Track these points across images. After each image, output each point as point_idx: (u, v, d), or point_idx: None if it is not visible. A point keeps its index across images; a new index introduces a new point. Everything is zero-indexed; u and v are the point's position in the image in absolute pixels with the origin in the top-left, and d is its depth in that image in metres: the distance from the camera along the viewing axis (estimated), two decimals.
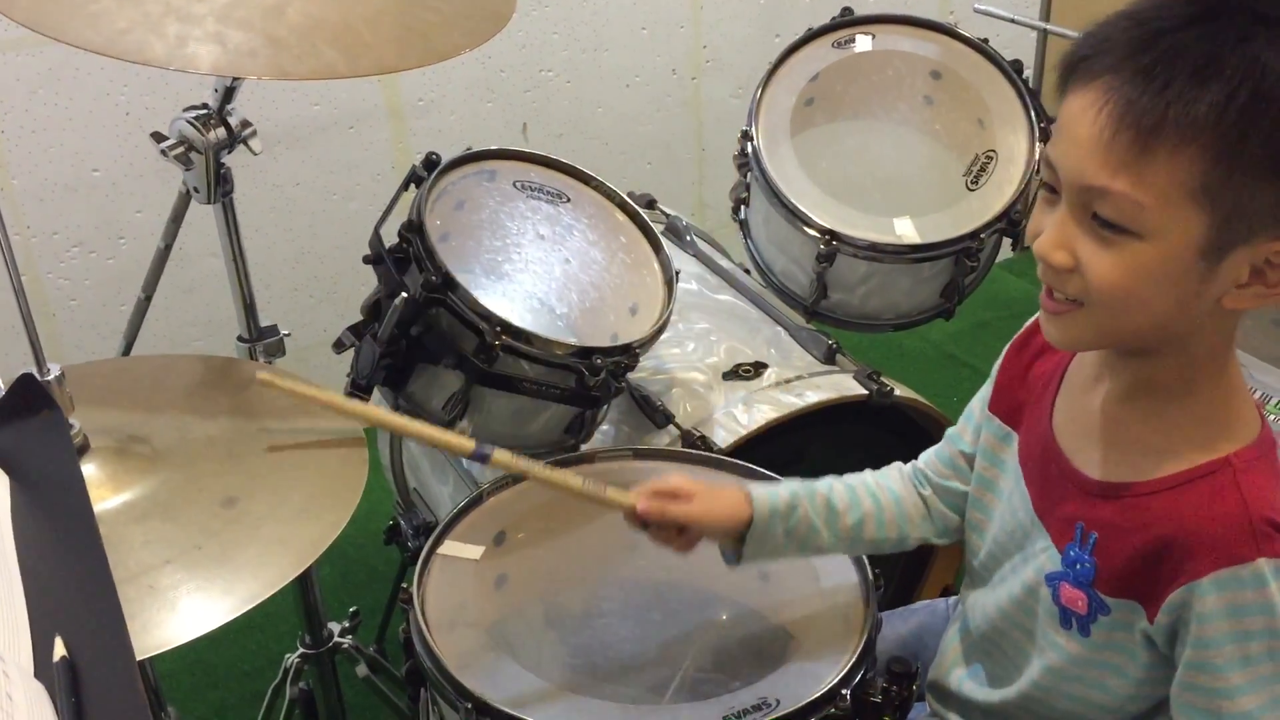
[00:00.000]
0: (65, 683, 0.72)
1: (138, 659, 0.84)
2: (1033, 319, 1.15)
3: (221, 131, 1.43)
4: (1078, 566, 1.03)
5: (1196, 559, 0.94)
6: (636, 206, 1.65)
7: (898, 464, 1.29)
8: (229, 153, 1.46)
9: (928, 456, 1.27)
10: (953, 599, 1.38)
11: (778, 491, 1.21)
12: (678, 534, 1.18)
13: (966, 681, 1.20)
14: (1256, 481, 0.95)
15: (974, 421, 1.21)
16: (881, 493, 1.24)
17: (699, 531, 1.18)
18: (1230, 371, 1.00)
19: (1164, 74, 0.86)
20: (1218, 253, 0.90)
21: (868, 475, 1.27)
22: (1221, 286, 0.92)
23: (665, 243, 1.64)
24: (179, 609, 0.99)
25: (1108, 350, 1.04)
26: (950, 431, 1.25)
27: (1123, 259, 0.91)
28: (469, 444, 1.16)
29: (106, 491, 1.11)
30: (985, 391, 1.19)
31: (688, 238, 2.01)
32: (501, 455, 1.15)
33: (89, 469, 1.12)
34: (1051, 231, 0.94)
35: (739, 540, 1.20)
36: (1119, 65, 0.88)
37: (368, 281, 1.51)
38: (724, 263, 2.00)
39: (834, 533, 1.21)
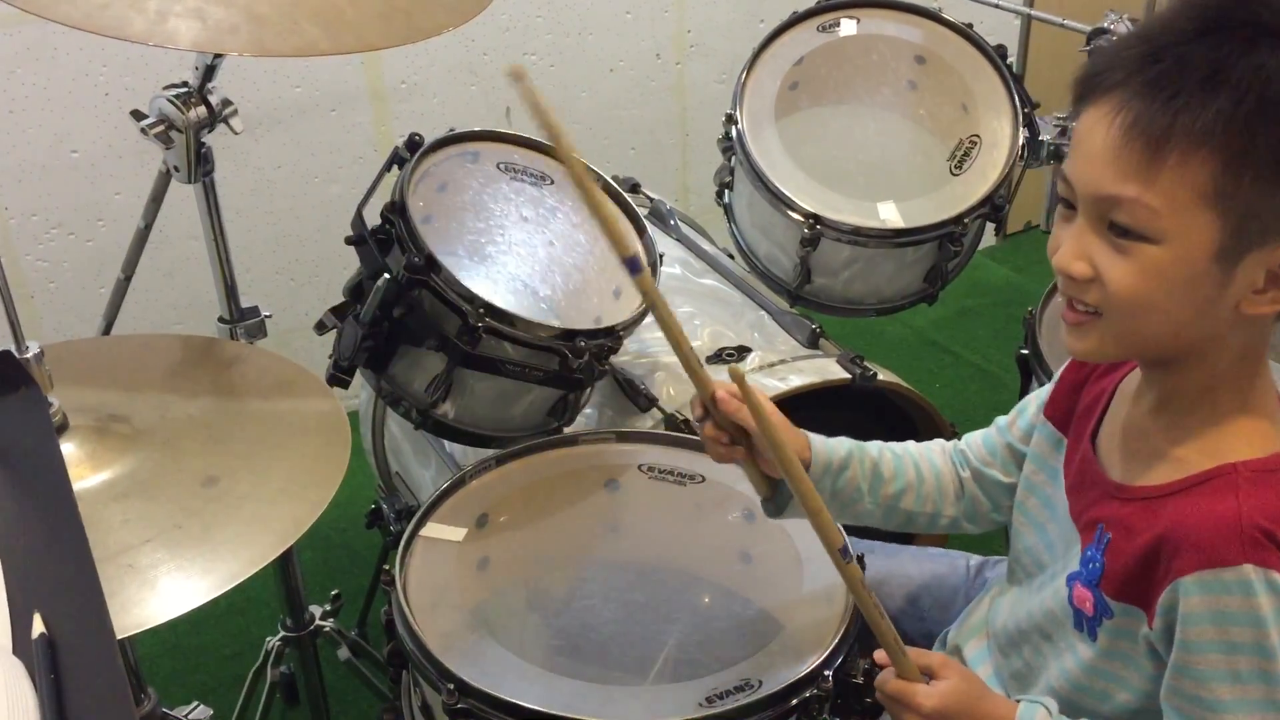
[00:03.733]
0: (44, 660, 0.71)
1: (117, 638, 0.84)
2: None
3: (202, 110, 1.42)
4: (1090, 566, 1.03)
5: (1183, 557, 0.94)
6: (620, 189, 1.64)
7: (940, 440, 1.29)
8: (210, 131, 1.44)
9: (972, 439, 1.27)
10: (976, 560, 1.39)
11: (835, 446, 1.20)
12: (730, 443, 1.15)
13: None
14: (1259, 491, 0.95)
15: (1027, 420, 1.21)
16: (924, 465, 1.25)
17: (763, 441, 1.12)
18: (1259, 385, 1.00)
19: (1172, 84, 0.89)
20: (1232, 257, 0.91)
21: (912, 446, 1.27)
22: (1238, 292, 0.93)
23: (649, 226, 1.64)
24: (159, 588, 0.98)
25: (1143, 366, 1.05)
26: (1000, 421, 1.25)
27: (1139, 265, 0.93)
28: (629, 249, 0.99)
29: (86, 470, 1.10)
30: (1044, 394, 1.19)
31: (671, 222, 2.01)
32: (647, 280, 1.01)
33: (68, 447, 1.11)
34: (1070, 243, 0.96)
35: (778, 487, 1.17)
36: (1129, 79, 0.91)
37: (349, 264, 1.50)
38: (708, 247, 2.00)
39: (875, 499, 1.22)
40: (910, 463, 1.24)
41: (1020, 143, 1.77)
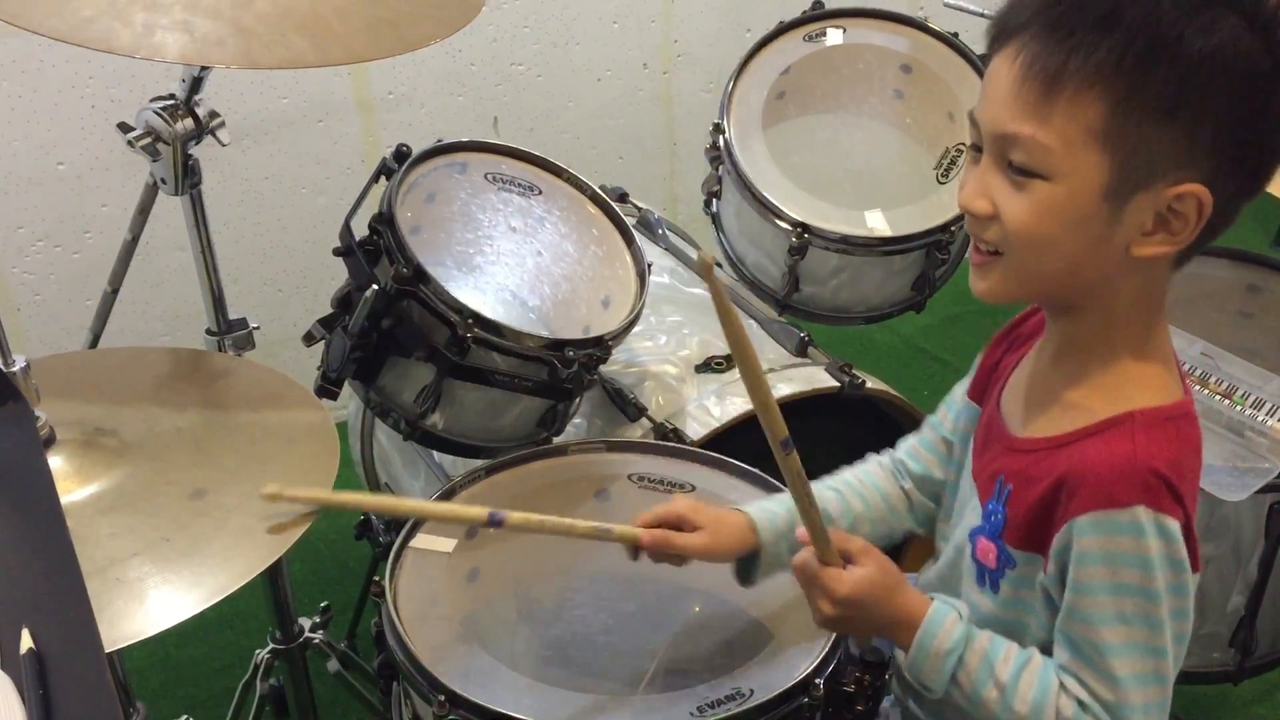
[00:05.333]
0: (33, 675, 0.71)
1: (106, 651, 0.83)
2: (1022, 311, 1.18)
3: (189, 122, 1.42)
4: (992, 519, 1.06)
5: (1079, 499, 0.97)
6: (608, 199, 1.64)
7: (874, 457, 1.29)
8: (197, 144, 1.44)
9: (908, 444, 1.28)
10: None
11: (775, 511, 1.21)
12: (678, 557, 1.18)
13: None
14: (1154, 437, 0.98)
15: (955, 408, 1.22)
16: (868, 492, 1.25)
17: (705, 560, 1.18)
18: (1156, 337, 1.03)
19: (1068, 24, 0.92)
20: (1121, 196, 0.94)
21: (849, 475, 1.27)
22: (1128, 233, 0.96)
23: (637, 235, 1.64)
24: (147, 601, 0.98)
25: (1046, 317, 1.07)
26: (931, 419, 1.27)
27: (1033, 201, 0.95)
28: (482, 513, 1.15)
29: (73, 483, 1.10)
30: (967, 379, 1.21)
31: (660, 231, 2.01)
32: (514, 517, 1.14)
33: (55, 461, 1.11)
34: (972, 182, 0.99)
35: (745, 562, 1.20)
36: (1030, 20, 0.94)
37: (337, 275, 1.50)
38: (696, 256, 2.00)
39: None
40: (854, 494, 1.25)
41: None
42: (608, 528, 1.16)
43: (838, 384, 1.63)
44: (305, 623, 1.72)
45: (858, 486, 1.25)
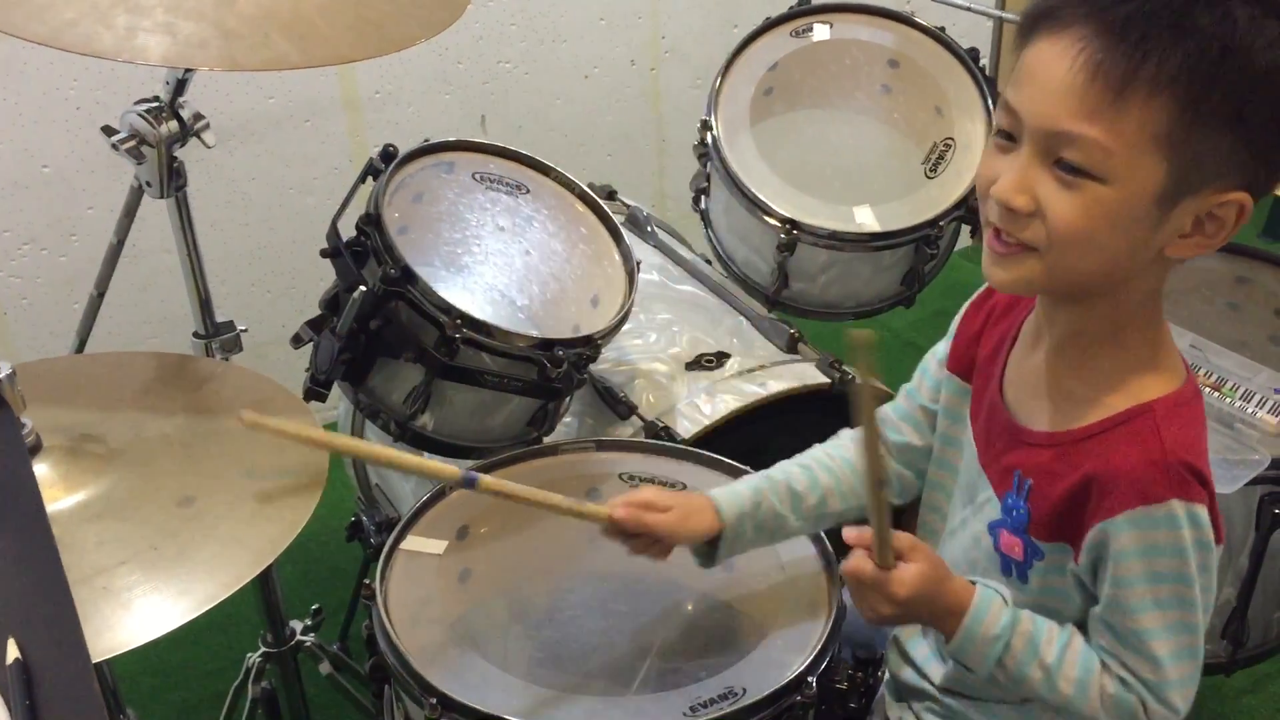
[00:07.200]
0: (19, 685, 0.70)
1: (93, 661, 0.83)
2: None
3: (174, 124, 1.41)
4: (1014, 513, 1.06)
5: (1114, 497, 0.98)
6: (596, 197, 1.64)
7: (847, 430, 1.29)
8: (181, 146, 1.43)
9: (882, 414, 1.27)
10: None
11: (739, 491, 1.21)
12: (654, 542, 1.18)
13: (920, 645, 1.21)
14: (1176, 428, 0.99)
15: (930, 378, 1.22)
16: (836, 465, 1.25)
17: (673, 541, 1.19)
18: (1157, 322, 1.04)
19: (1140, 27, 0.89)
20: (1171, 201, 0.93)
21: (818, 450, 1.27)
22: (1167, 236, 0.96)
23: (626, 233, 1.64)
24: (135, 610, 0.97)
25: (1045, 304, 1.07)
26: (906, 387, 1.27)
27: (1084, 202, 0.93)
28: (455, 470, 1.14)
29: (59, 492, 1.09)
30: (942, 349, 1.21)
31: (649, 228, 2.00)
32: (487, 480, 1.13)
33: (41, 469, 1.10)
34: (1012, 175, 0.96)
35: (711, 544, 1.20)
36: (1091, 16, 0.91)
37: (326, 276, 1.49)
38: (685, 253, 1.99)
39: (800, 516, 1.22)
40: (821, 468, 1.24)
41: None
42: (581, 503, 1.16)
43: (828, 381, 1.63)
44: (297, 625, 1.72)
45: (825, 461, 1.25)
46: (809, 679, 1.14)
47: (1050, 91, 0.92)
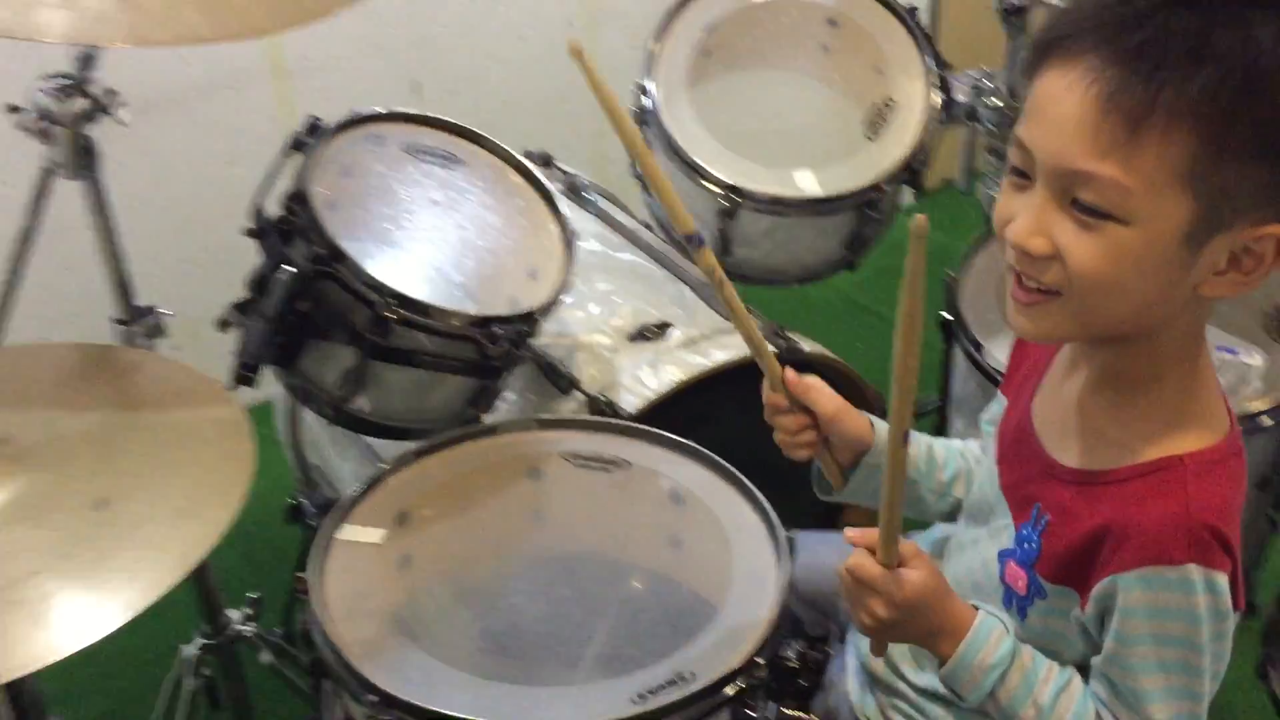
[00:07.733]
0: None
1: (5, 680, 0.79)
2: None
3: (84, 101, 1.34)
4: (1025, 546, 1.02)
5: (1128, 551, 0.93)
6: (531, 166, 1.59)
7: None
8: (93, 123, 1.37)
9: (971, 450, 1.24)
10: None
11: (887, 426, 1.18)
12: (805, 429, 1.14)
13: (906, 660, 1.17)
14: (1206, 486, 0.93)
15: (997, 405, 1.18)
16: (969, 456, 1.22)
17: (828, 429, 1.14)
18: (1199, 365, 0.98)
19: (1154, 55, 0.83)
20: (1201, 239, 0.88)
21: (955, 440, 1.25)
22: (1200, 274, 0.90)
23: (564, 202, 1.60)
24: (50, 623, 0.92)
25: (1086, 342, 1.01)
26: (983, 419, 1.21)
27: (1105, 245, 0.88)
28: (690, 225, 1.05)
29: None
30: (995, 409, 1.18)
31: (588, 196, 1.96)
32: (709, 256, 1.05)
33: None
34: (1027, 217, 0.90)
35: (843, 469, 1.17)
36: (1102, 45, 0.85)
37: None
38: (626, 220, 1.95)
39: (929, 485, 1.20)
40: (957, 450, 1.22)
41: (934, 104, 1.76)
42: (767, 346, 1.12)
43: (774, 350, 1.60)
44: (235, 614, 1.67)
45: (960, 447, 1.23)
46: (759, 660, 1.12)
47: (1061, 128, 0.86)
